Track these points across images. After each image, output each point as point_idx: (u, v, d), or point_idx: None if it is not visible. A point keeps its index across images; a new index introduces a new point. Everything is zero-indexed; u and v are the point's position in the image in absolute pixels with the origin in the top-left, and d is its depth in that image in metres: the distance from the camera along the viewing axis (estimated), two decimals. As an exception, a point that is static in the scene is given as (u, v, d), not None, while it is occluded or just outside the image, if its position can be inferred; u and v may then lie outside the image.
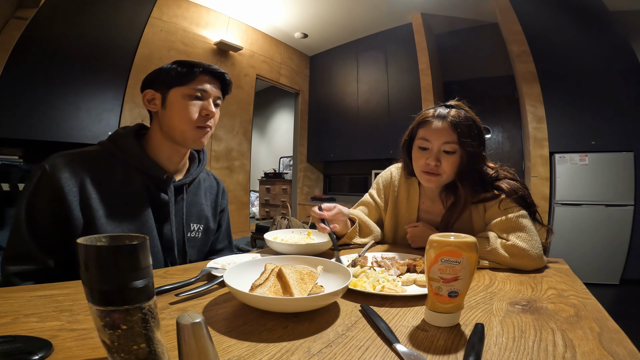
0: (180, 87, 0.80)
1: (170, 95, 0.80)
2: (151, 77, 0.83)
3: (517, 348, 0.40)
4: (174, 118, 0.80)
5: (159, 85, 0.82)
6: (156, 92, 0.82)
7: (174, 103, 0.80)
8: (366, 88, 4.58)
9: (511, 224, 0.83)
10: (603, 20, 2.99)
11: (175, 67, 0.81)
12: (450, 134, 0.86)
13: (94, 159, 0.77)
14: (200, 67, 0.81)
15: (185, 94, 0.80)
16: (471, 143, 0.86)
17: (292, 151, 5.32)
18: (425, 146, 0.90)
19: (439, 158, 0.88)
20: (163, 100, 0.81)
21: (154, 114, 0.85)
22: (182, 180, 0.88)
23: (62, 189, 0.69)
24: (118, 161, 0.79)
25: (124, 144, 0.81)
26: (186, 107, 0.80)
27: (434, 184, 0.93)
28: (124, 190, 0.77)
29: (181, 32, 3.50)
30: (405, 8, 3.79)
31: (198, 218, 0.93)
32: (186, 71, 0.80)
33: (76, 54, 2.71)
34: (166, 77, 0.80)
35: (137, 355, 0.29)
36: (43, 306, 0.49)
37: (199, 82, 0.81)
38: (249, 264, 0.62)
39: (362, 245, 1.00)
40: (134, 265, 0.29)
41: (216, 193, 1.02)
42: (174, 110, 0.80)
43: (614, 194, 2.86)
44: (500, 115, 3.91)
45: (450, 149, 0.87)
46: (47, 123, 2.57)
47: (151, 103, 0.83)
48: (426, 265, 0.48)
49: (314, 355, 0.38)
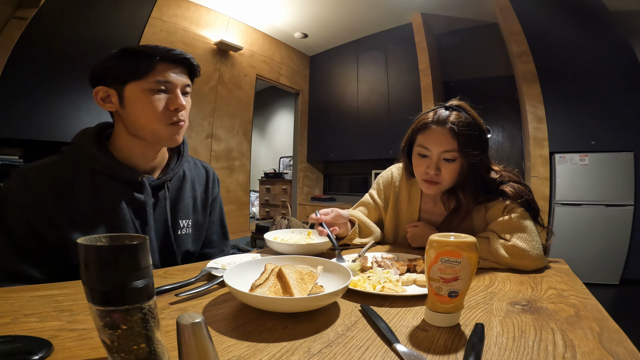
0: (137, 81, 0.69)
1: (127, 91, 0.69)
2: (99, 72, 0.71)
3: (517, 348, 0.40)
4: (139, 117, 0.70)
5: (111, 81, 0.70)
6: (109, 89, 0.71)
7: (134, 100, 0.69)
8: (366, 88, 4.58)
9: (512, 224, 0.83)
10: (603, 20, 2.99)
11: (124, 57, 0.69)
12: (450, 141, 0.82)
13: (57, 170, 0.69)
14: (157, 54, 0.69)
15: (145, 89, 0.69)
16: (472, 152, 0.82)
17: (292, 151, 5.32)
18: (424, 153, 0.87)
19: (438, 167, 0.85)
20: (120, 97, 0.70)
21: (114, 113, 0.74)
22: (161, 177, 0.79)
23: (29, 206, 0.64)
24: (83, 169, 0.70)
25: (86, 150, 0.72)
26: (150, 104, 0.69)
27: (433, 192, 0.91)
28: (95, 201, 0.70)
29: (181, 32, 3.51)
30: (405, 8, 3.79)
31: (185, 214, 0.86)
32: (140, 62, 0.68)
33: (76, 54, 2.71)
34: (116, 69, 0.69)
35: (137, 355, 0.29)
36: (43, 306, 0.49)
37: (159, 73, 0.69)
38: (249, 264, 0.62)
39: (362, 245, 1.00)
40: (134, 265, 0.29)
41: (205, 183, 0.94)
42: (136, 109, 0.70)
43: (614, 194, 2.86)
44: (500, 115, 3.91)
45: (451, 157, 0.84)
46: (47, 123, 2.57)
47: (106, 102, 0.72)
48: (426, 265, 0.48)
49: (314, 355, 0.38)
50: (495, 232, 0.84)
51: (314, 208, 4.77)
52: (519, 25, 3.19)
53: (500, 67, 3.75)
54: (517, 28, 3.20)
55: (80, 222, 0.68)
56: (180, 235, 0.85)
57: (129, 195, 0.74)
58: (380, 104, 4.41)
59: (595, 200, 2.92)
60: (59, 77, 2.62)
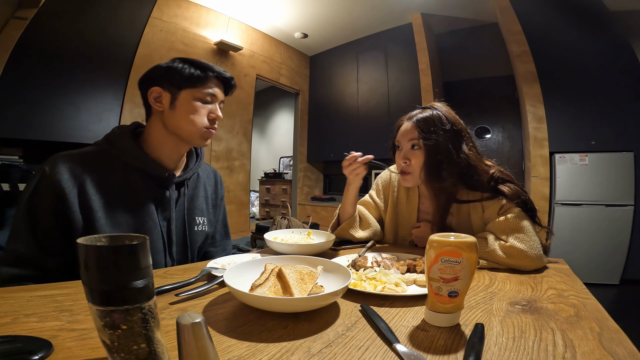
0: (191, 89, 0.79)
1: (182, 96, 0.79)
2: (158, 74, 0.80)
3: (517, 348, 0.40)
4: (183, 119, 0.80)
5: (168, 84, 0.79)
6: (164, 91, 0.80)
7: (184, 105, 0.80)
8: (366, 88, 4.58)
9: (510, 225, 0.83)
10: (603, 20, 2.98)
11: (187, 68, 0.79)
12: (412, 131, 0.93)
13: (93, 160, 0.76)
14: (213, 71, 0.81)
15: (196, 97, 0.80)
16: (432, 137, 0.89)
17: (292, 151, 5.32)
18: (398, 145, 0.98)
19: (407, 156, 0.94)
20: (172, 100, 0.80)
21: (156, 112, 0.82)
22: (182, 175, 0.88)
23: (62, 190, 0.69)
24: (116, 162, 0.78)
25: (121, 144, 0.79)
26: (197, 110, 0.80)
27: (409, 184, 0.97)
28: (125, 191, 0.77)
29: (181, 32, 3.50)
30: (405, 8, 3.79)
31: (201, 211, 0.93)
32: (200, 73, 0.79)
33: (76, 54, 2.71)
34: (177, 76, 0.79)
35: (137, 355, 0.29)
36: (43, 306, 0.49)
37: (209, 86, 0.81)
38: (249, 264, 0.62)
39: (362, 245, 1.01)
40: (134, 265, 0.29)
41: (214, 182, 1.03)
42: (183, 112, 0.80)
43: (614, 194, 2.86)
44: (500, 115, 3.91)
45: (416, 144, 0.93)
46: (47, 123, 2.57)
47: (157, 101, 0.81)
48: (426, 265, 0.48)
49: (314, 355, 0.38)
50: (493, 233, 0.85)
51: (314, 208, 4.77)
52: (519, 25, 3.18)
53: (500, 67, 3.74)
54: (517, 28, 3.20)
55: (110, 210, 0.74)
56: (197, 231, 0.91)
57: (155, 189, 0.82)
58: (380, 104, 4.40)
59: (595, 200, 2.92)
60: (59, 77, 2.62)
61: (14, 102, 2.40)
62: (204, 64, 0.80)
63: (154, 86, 0.80)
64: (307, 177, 5.25)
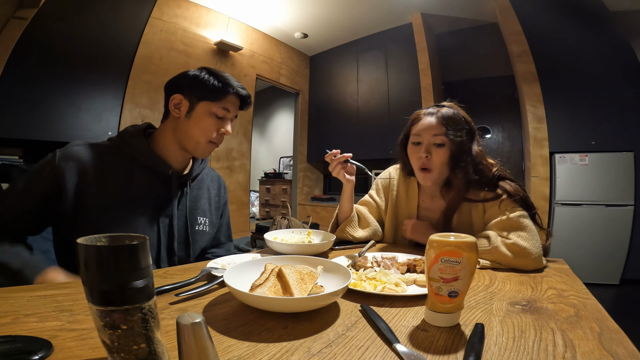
0: (210, 102, 0.82)
1: (199, 107, 0.83)
2: (184, 82, 0.84)
3: (517, 348, 0.40)
4: (194, 129, 0.83)
5: (189, 94, 0.83)
6: (184, 99, 0.83)
7: (200, 116, 0.83)
8: (366, 88, 4.58)
9: (512, 223, 0.83)
10: (603, 20, 2.98)
11: (211, 80, 0.82)
12: (439, 127, 0.92)
13: (102, 152, 0.80)
14: (233, 88, 0.84)
15: (212, 111, 0.83)
16: (458, 135, 0.91)
17: (292, 151, 5.32)
18: (417, 141, 0.96)
19: (429, 150, 0.93)
20: (190, 109, 0.83)
21: (172, 117, 0.86)
22: (185, 175, 0.90)
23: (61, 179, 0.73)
24: (124, 156, 0.82)
25: (132, 141, 0.83)
26: (209, 124, 0.83)
27: (429, 181, 0.96)
28: (126, 183, 0.80)
29: (181, 32, 3.50)
30: (405, 8, 3.78)
31: (203, 211, 0.96)
32: (221, 88, 0.82)
33: (76, 54, 2.71)
34: (199, 87, 0.82)
35: (137, 355, 0.29)
36: (43, 306, 0.49)
37: (227, 102, 0.84)
38: (249, 264, 0.62)
39: (362, 245, 1.01)
40: (134, 265, 0.29)
41: (218, 187, 1.05)
42: (197, 123, 0.83)
43: (614, 194, 2.86)
44: (500, 115, 3.91)
45: (440, 142, 0.92)
46: (47, 123, 2.56)
47: (177, 108, 0.84)
48: (426, 265, 0.48)
49: (314, 355, 0.38)
50: (494, 231, 0.85)
51: (314, 208, 4.77)
52: (519, 25, 3.18)
53: (500, 67, 3.74)
54: (517, 28, 3.19)
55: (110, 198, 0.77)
56: (198, 231, 0.94)
57: (157, 186, 0.85)
58: (380, 104, 4.40)
59: (595, 200, 2.92)
60: (59, 77, 2.62)
61: (14, 102, 2.40)
62: (225, 80, 0.83)
63: (177, 93, 0.84)
64: (307, 177, 5.25)
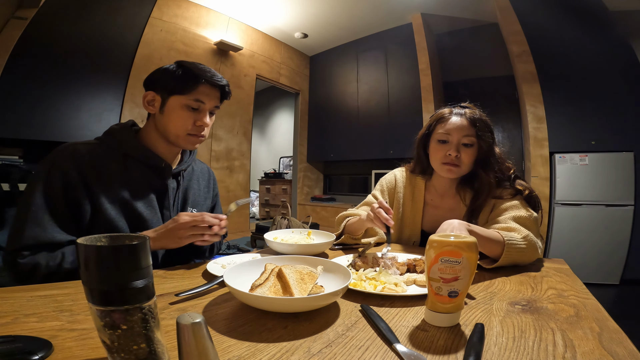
0: (180, 95, 0.81)
1: (170, 102, 0.82)
2: (154, 77, 0.84)
3: (517, 348, 0.40)
4: (169, 124, 0.83)
5: (160, 89, 0.83)
6: (157, 95, 0.83)
7: (172, 110, 0.82)
8: (366, 88, 4.58)
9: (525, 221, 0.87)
10: (603, 20, 2.98)
11: (178, 72, 0.81)
12: (469, 128, 0.95)
13: (95, 151, 0.80)
14: (202, 78, 0.81)
15: (184, 104, 0.82)
16: (487, 136, 0.95)
17: (292, 151, 5.32)
18: (445, 139, 0.97)
19: (458, 150, 0.95)
20: (162, 104, 0.83)
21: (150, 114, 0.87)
22: (177, 167, 0.91)
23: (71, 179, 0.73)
24: (116, 153, 0.82)
25: (121, 137, 0.84)
26: (182, 117, 0.82)
27: (454, 175, 0.98)
28: (125, 179, 0.80)
29: (181, 32, 3.50)
30: (405, 8, 3.78)
31: (194, 203, 0.96)
32: (189, 80, 0.81)
33: (76, 54, 2.71)
34: (169, 81, 0.81)
35: (137, 355, 0.29)
36: (43, 306, 0.49)
37: (199, 93, 0.82)
38: (249, 264, 0.62)
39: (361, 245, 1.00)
40: (134, 265, 0.29)
41: (208, 178, 1.05)
42: (170, 118, 0.82)
43: (614, 194, 2.86)
44: (500, 115, 3.90)
45: (469, 142, 0.95)
46: (47, 123, 2.57)
47: (150, 105, 0.85)
48: (426, 265, 0.48)
49: (314, 355, 0.38)
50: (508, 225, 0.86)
51: (314, 208, 4.78)
52: (519, 25, 3.18)
53: (500, 67, 3.74)
54: (517, 28, 3.19)
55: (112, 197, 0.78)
56: None
57: (154, 179, 0.85)
58: (380, 104, 4.40)
59: (595, 200, 2.91)
60: (59, 77, 2.62)
61: (14, 102, 2.40)
62: (194, 71, 0.81)
63: (149, 90, 0.84)
64: (307, 177, 5.25)
